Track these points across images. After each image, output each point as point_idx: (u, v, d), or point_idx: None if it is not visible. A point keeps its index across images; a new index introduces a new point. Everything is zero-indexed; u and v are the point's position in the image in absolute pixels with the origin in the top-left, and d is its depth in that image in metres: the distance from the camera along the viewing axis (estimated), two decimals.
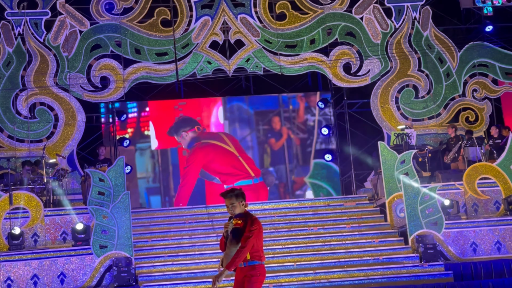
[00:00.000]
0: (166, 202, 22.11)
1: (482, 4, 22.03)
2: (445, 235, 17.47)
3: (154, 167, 22.35)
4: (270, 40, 21.30)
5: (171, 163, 22.32)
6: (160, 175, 22.31)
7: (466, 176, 18.73)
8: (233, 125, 22.71)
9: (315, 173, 22.61)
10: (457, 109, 21.78)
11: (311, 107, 23.20)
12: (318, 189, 22.45)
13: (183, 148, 22.05)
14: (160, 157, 22.40)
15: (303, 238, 17.93)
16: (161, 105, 22.68)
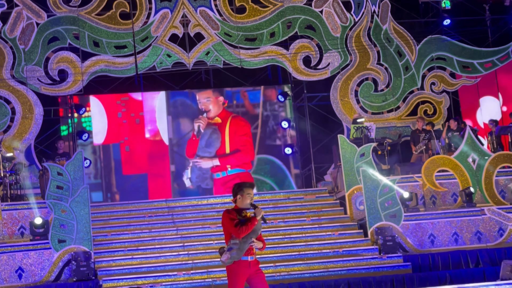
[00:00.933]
0: (108, 198, 21.93)
1: None
2: (403, 227, 17.61)
3: (96, 162, 22.13)
4: (230, 33, 21.27)
5: (113, 158, 22.12)
6: (102, 171, 22.10)
7: (424, 168, 18.88)
8: (176, 120, 22.59)
9: (258, 168, 22.60)
10: (416, 102, 21.96)
11: (266, 101, 23.19)
12: (262, 185, 22.45)
13: (126, 144, 21.86)
14: (102, 153, 22.16)
15: (263, 231, 17.77)
16: (103, 100, 22.40)
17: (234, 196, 9.69)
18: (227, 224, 9.55)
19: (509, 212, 17.98)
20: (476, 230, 17.91)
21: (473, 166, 18.79)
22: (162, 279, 15.82)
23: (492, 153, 19.14)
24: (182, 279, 15.81)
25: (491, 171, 18.74)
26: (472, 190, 18.41)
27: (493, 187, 18.71)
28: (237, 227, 9.45)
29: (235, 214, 9.56)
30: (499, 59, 21.82)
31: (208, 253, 16.85)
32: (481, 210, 18.05)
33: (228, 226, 9.53)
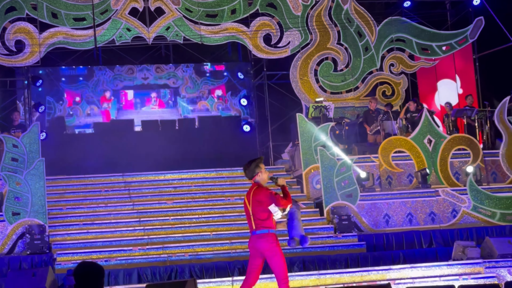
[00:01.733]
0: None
1: None
2: (359, 206, 17.76)
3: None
4: (190, 9, 21.11)
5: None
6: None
7: (381, 149, 19.03)
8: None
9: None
10: (375, 83, 22.08)
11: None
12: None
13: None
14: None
15: (220, 208, 17.95)
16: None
17: (253, 175, 9.58)
18: (271, 198, 9.41)
19: (463, 194, 18.23)
20: (430, 211, 18.13)
21: (429, 148, 18.98)
22: (117, 253, 15.77)
23: (448, 135, 19.35)
24: (137, 254, 15.78)
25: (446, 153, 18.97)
26: (428, 172, 18.61)
27: (448, 169, 18.93)
28: (285, 198, 9.43)
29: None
30: (457, 42, 22.00)
31: (164, 228, 16.83)
32: (435, 192, 18.28)
33: (274, 199, 9.40)
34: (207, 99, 24.42)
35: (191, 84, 24.02)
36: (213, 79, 24.35)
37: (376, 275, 14.29)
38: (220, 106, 24.19)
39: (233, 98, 24.11)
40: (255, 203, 9.50)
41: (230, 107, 24.17)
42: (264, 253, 9.56)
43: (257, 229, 9.54)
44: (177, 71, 24.22)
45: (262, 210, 9.48)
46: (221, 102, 24.32)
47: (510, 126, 18.86)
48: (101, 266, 5.98)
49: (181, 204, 18.03)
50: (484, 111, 20.75)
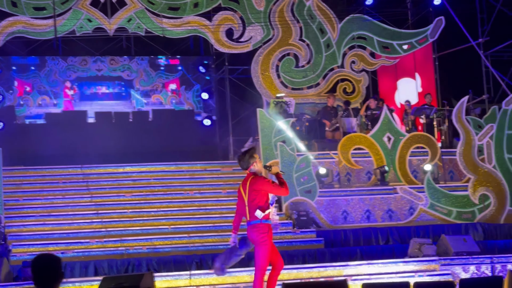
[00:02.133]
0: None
1: None
2: (318, 202, 17.83)
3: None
4: (153, 1, 20.99)
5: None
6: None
7: (341, 146, 19.11)
8: None
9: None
10: (336, 80, 22.17)
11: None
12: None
13: None
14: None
15: (179, 201, 17.91)
16: None
17: (247, 166, 9.62)
18: (269, 187, 9.51)
19: (420, 192, 18.40)
20: (388, 208, 18.28)
21: (388, 146, 19.12)
22: (73, 246, 15.65)
23: (407, 133, 19.51)
24: (94, 247, 15.68)
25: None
26: (387, 169, 18.75)
27: (406, 167, 19.09)
28: (282, 186, 9.50)
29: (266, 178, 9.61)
30: (418, 41, 22.16)
31: (122, 221, 16.75)
32: (393, 189, 18.43)
33: (273, 188, 9.49)
34: (161, 93, 24.29)
35: (146, 77, 23.85)
36: (167, 73, 24.22)
37: (333, 271, 14.35)
38: (173, 100, 24.08)
39: (187, 92, 24.02)
40: (252, 193, 9.57)
41: (184, 101, 24.08)
42: (253, 242, 9.62)
43: (251, 219, 9.57)
44: (132, 64, 24.04)
45: (259, 199, 9.54)
46: (175, 96, 24.21)
47: (468, 125, 19.06)
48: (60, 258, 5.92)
49: (139, 197, 17.95)
50: (442, 110, 20.95)
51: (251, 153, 9.64)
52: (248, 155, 9.63)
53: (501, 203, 18.84)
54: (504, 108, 19.34)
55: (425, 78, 23.88)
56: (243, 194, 9.67)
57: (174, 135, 20.97)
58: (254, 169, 9.62)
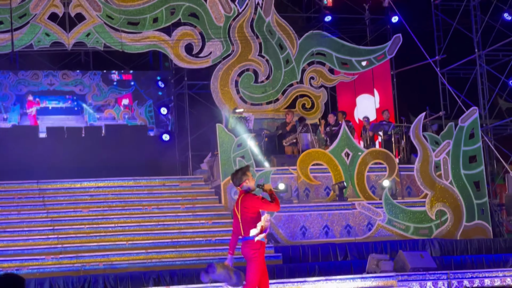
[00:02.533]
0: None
1: None
2: (276, 218, 17.83)
3: None
4: (112, 16, 20.89)
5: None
6: None
7: (299, 161, 19.16)
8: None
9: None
10: (295, 96, 22.23)
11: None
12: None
13: None
14: None
15: (137, 217, 17.80)
16: None
17: (240, 183, 9.61)
18: (259, 204, 9.48)
19: (378, 208, 18.51)
20: (346, 224, 18.35)
21: (347, 161, 19.21)
22: (28, 262, 15.45)
23: (365, 149, 19.62)
24: (50, 263, 15.49)
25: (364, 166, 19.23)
26: (345, 185, 18.83)
27: (365, 182, 19.20)
28: (272, 203, 9.49)
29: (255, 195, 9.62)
30: (376, 58, 22.34)
31: (78, 237, 16.58)
32: (352, 205, 18.51)
33: (263, 205, 9.47)
34: (113, 108, 24.14)
35: (98, 92, 23.68)
36: (120, 88, 24.08)
37: (292, 287, 14.35)
38: (126, 115, 23.94)
39: (139, 107, 23.90)
40: (243, 210, 9.59)
41: (136, 116, 23.96)
42: (245, 258, 9.68)
43: (245, 235, 9.64)
44: (84, 78, 23.85)
45: (250, 216, 9.56)
46: (128, 111, 24.08)
47: (425, 142, 19.25)
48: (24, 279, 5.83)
49: (97, 213, 17.80)
50: (400, 126, 21.12)
51: (244, 170, 9.67)
52: (241, 172, 9.66)
53: (458, 219, 19.03)
54: (461, 125, 19.57)
55: (383, 95, 24.07)
56: (237, 212, 9.73)
57: (128, 150, 20.85)
58: (246, 186, 9.62)
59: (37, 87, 23.57)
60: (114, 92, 23.98)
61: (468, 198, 19.24)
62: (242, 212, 9.59)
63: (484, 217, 19.34)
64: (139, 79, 24.05)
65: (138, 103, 23.90)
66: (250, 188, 9.63)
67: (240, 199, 9.63)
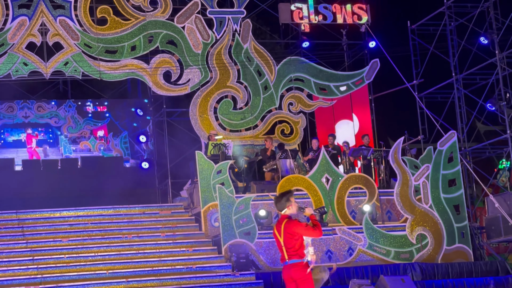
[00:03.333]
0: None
1: (300, 21, 22.70)
2: (257, 244, 17.79)
3: None
4: (90, 45, 20.89)
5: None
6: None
7: (279, 187, 19.14)
8: None
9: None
10: (273, 122, 22.27)
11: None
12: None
13: None
14: None
15: (117, 246, 17.69)
16: None
17: (283, 208, 9.73)
18: (302, 230, 9.57)
19: (359, 232, 18.50)
20: (327, 249, 18.32)
21: (327, 186, 19.22)
22: None
23: (345, 174, 19.64)
24: None
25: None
26: (326, 210, 18.80)
27: (345, 207, 19.20)
28: (315, 228, 9.60)
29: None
30: (354, 83, 22.46)
31: (58, 267, 16.45)
32: (332, 230, 18.49)
33: (306, 231, 9.56)
34: (89, 140, 24.05)
35: (73, 124, 23.58)
36: (95, 120, 24.01)
37: None
38: (101, 147, 23.86)
39: (115, 138, 23.84)
40: (287, 236, 9.68)
41: (112, 148, 23.88)
42: (297, 280, 9.74)
43: (290, 258, 9.71)
44: (59, 111, 23.76)
45: (295, 241, 9.66)
46: (103, 142, 24.00)
47: (404, 166, 19.31)
48: None
49: (76, 242, 17.68)
50: (379, 151, 21.18)
51: (288, 196, 9.79)
52: (285, 198, 9.77)
53: (438, 243, 19.06)
54: (439, 149, 19.66)
55: (362, 119, 24.15)
56: (278, 235, 9.82)
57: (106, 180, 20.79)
58: (289, 211, 9.75)
59: (12, 120, 23.45)
60: (89, 124, 23.90)
61: (448, 222, 19.29)
62: (285, 237, 9.70)
63: (465, 240, 19.38)
64: (114, 111, 23.99)
65: (113, 134, 23.82)
66: (293, 213, 9.77)
67: (283, 224, 9.72)
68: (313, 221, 9.70)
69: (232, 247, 17.34)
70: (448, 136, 19.85)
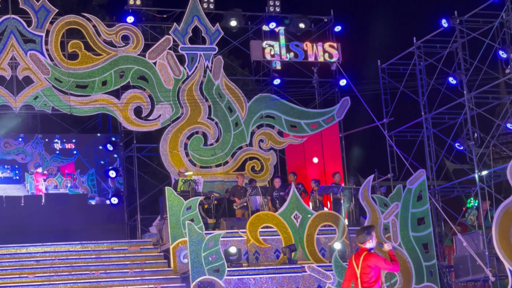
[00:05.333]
0: None
1: (271, 58, 22.84)
2: (226, 282, 17.68)
3: None
4: (60, 79, 20.83)
5: None
6: None
7: (249, 224, 19.09)
8: None
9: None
10: (244, 158, 22.29)
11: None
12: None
13: None
14: None
15: (84, 282, 17.51)
16: None
17: (364, 241, 10.17)
18: (382, 264, 10.04)
19: (328, 270, 18.46)
20: (296, 287, 18.25)
21: (296, 224, 19.20)
22: None
23: (315, 212, 19.64)
24: None
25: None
26: (295, 247, 18.78)
27: (314, 245, 19.17)
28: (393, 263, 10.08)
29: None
30: (324, 121, 22.58)
31: None
32: (301, 267, 18.44)
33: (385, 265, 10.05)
34: (55, 177, 23.83)
35: (40, 160, 23.35)
36: (62, 157, 23.80)
37: None
38: (68, 184, 23.65)
39: (82, 176, 23.65)
40: (365, 267, 10.10)
41: (78, 185, 23.66)
42: None
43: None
44: (27, 147, 23.53)
45: (372, 273, 10.06)
46: (70, 180, 23.79)
47: (374, 204, 19.37)
48: None
49: (43, 278, 17.48)
50: (349, 188, 21.22)
51: (370, 230, 10.25)
52: (367, 231, 10.23)
53: (407, 281, 19.07)
54: (409, 187, 19.76)
55: (332, 157, 24.21)
56: (355, 266, 10.21)
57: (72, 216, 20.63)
58: (369, 245, 10.14)
59: None
60: (57, 161, 23.67)
61: (417, 260, 19.32)
62: (363, 268, 10.11)
63: (433, 279, 19.41)
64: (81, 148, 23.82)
65: (80, 171, 23.62)
66: (373, 248, 10.16)
67: (363, 256, 10.13)
68: (391, 256, 10.14)
69: (201, 284, 17.22)
70: (417, 174, 19.97)
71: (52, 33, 20.88)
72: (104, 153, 23.45)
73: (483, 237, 19.75)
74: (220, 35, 22.24)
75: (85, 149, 23.81)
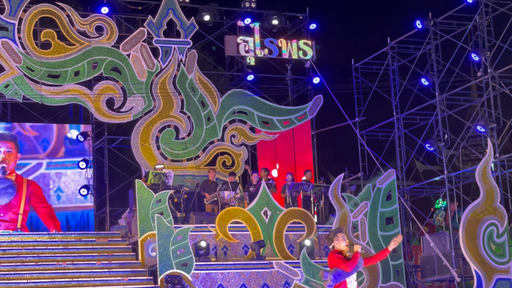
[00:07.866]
0: None
1: (245, 54, 22.83)
2: (194, 276, 17.67)
3: None
4: (32, 68, 20.67)
5: None
6: None
7: (218, 219, 19.08)
8: None
9: None
10: (215, 153, 22.27)
11: None
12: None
13: None
14: None
15: (51, 273, 17.38)
16: None
17: (331, 243, 10.61)
18: (335, 262, 10.42)
19: (296, 267, 18.51)
20: (264, 283, 18.29)
21: (266, 220, 19.23)
22: None
23: (285, 208, 19.68)
24: None
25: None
26: (264, 243, 18.81)
27: (283, 241, 19.21)
28: (345, 262, 10.37)
29: (340, 254, 10.53)
30: (297, 118, 22.63)
31: None
32: (269, 264, 18.47)
33: (337, 263, 10.39)
34: None
35: None
36: None
37: None
38: None
39: None
40: (330, 267, 10.55)
41: None
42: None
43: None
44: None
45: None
46: None
47: (343, 202, 19.45)
48: None
49: (9, 268, 17.33)
50: (319, 186, 21.30)
51: (335, 231, 10.67)
52: (332, 233, 10.69)
53: (374, 280, 19.18)
54: (378, 187, 19.87)
55: (304, 154, 24.27)
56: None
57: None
58: (335, 246, 10.59)
59: None
60: None
61: (384, 259, 19.41)
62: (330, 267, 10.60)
63: (400, 278, 19.53)
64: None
65: None
66: (340, 248, 10.54)
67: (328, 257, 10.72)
68: (352, 257, 10.45)
69: (168, 277, 17.19)
70: (387, 174, 20.07)
71: (25, 21, 20.71)
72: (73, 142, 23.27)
73: (450, 238, 19.93)
74: (195, 29, 22.20)
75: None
